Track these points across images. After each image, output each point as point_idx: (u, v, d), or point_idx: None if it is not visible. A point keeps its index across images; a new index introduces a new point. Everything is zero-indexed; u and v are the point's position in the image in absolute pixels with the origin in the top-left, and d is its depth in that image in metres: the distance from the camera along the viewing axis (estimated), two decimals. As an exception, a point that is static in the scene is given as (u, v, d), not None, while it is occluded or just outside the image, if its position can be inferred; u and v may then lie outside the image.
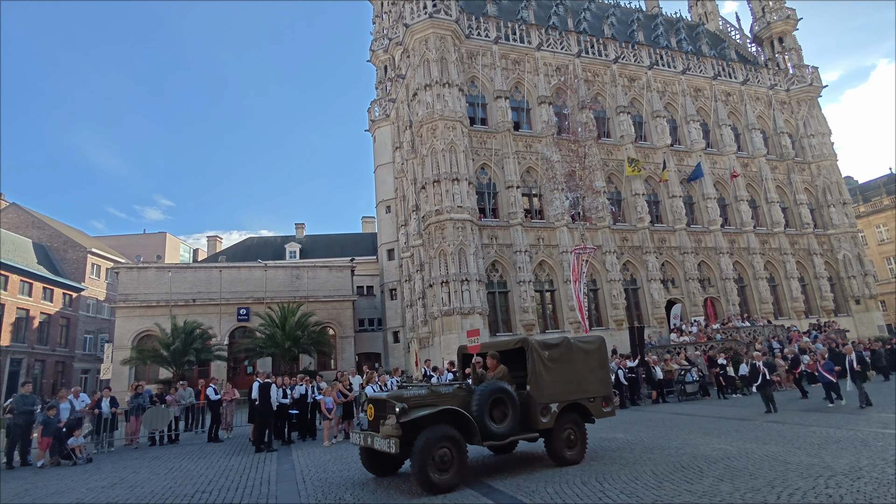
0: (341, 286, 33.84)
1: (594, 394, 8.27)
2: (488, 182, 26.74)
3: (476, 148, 26.45)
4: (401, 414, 6.42)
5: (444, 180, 23.65)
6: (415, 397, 6.85)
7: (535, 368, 7.67)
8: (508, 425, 7.05)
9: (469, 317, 22.28)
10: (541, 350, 7.81)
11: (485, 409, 6.87)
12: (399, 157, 33.48)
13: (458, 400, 7.06)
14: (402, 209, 33.52)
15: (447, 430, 6.48)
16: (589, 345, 8.58)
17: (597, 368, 8.46)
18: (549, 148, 27.51)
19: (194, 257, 61.18)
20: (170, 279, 30.17)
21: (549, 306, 26.51)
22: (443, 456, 6.37)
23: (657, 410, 15.32)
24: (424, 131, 24.90)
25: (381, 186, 37.86)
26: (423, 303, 27.76)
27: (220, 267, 33.17)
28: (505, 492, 6.46)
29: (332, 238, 50.52)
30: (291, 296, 30.47)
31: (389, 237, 36.87)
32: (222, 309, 30.45)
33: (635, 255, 28.41)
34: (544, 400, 7.57)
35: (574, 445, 7.78)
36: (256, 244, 49.18)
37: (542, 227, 26.76)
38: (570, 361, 8.07)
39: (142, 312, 29.17)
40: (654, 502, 5.65)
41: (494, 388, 7.12)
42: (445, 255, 22.98)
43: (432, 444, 6.28)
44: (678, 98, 32.89)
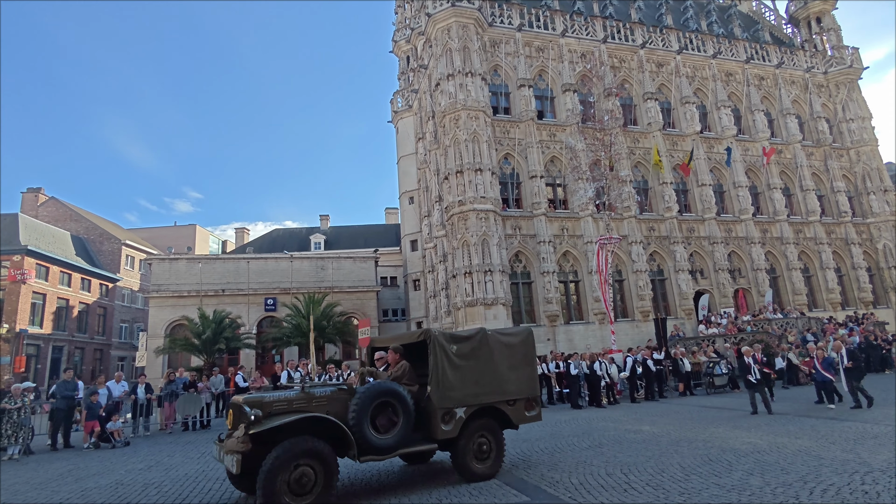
0: (365, 277, 34.17)
1: (515, 395, 7.00)
2: (511, 172, 26.51)
3: (499, 138, 26.24)
4: (253, 423, 5.18)
5: (466, 171, 23.56)
6: (279, 401, 5.58)
7: (438, 365, 6.36)
8: (397, 435, 5.83)
9: (492, 307, 22.26)
10: (446, 343, 6.58)
11: (365, 415, 5.63)
12: (422, 147, 33.47)
13: (335, 405, 5.78)
14: (425, 200, 33.56)
15: (310, 442, 5.26)
16: (511, 337, 7.37)
17: (521, 366, 7.23)
18: (573, 137, 27.08)
19: (223, 248, 62.61)
20: (200, 270, 30.98)
21: (574, 297, 26.26)
22: (301, 476, 5.16)
23: (684, 403, 15.07)
24: (447, 121, 24.80)
25: (404, 177, 37.96)
26: (446, 293, 27.84)
27: (248, 258, 33.88)
28: (528, 481, 6.46)
29: (356, 229, 51.01)
30: (317, 286, 30.92)
31: (413, 228, 37.01)
32: (250, 299, 31.13)
33: (662, 246, 27.84)
34: (447, 403, 6.31)
35: (486, 457, 6.58)
36: (282, 235, 50.04)
37: (566, 217, 26.44)
38: (484, 357, 6.85)
39: (174, 302, 30.05)
40: (681, 495, 5.57)
41: (379, 389, 5.87)
42: (468, 246, 22.95)
43: (286, 461, 5.08)
44: (708, 83, 31.89)
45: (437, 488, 6.35)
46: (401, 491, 6.33)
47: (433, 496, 6.00)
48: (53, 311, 35.81)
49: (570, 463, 7.42)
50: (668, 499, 5.45)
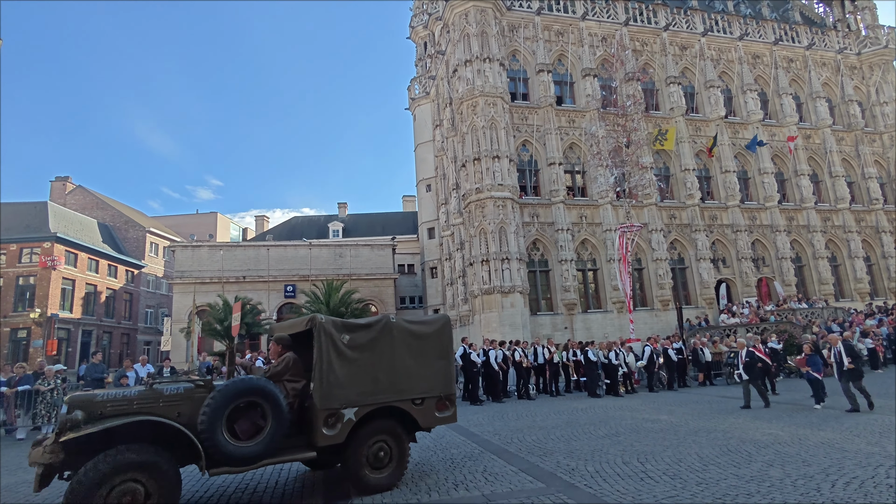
0: (383, 264, 34.38)
1: (423, 393, 6.05)
2: (529, 159, 26.24)
3: (517, 124, 25.94)
4: (69, 427, 4.20)
5: (484, 158, 23.39)
6: (114, 401, 4.58)
7: (323, 358, 5.40)
8: (263, 443, 4.85)
9: (509, 295, 22.23)
10: (336, 332, 5.58)
11: (218, 419, 4.66)
12: (439, 135, 33.31)
13: (190, 405, 4.83)
14: (442, 188, 33.49)
15: (136, 453, 4.29)
16: (422, 327, 6.38)
17: (433, 359, 6.25)
18: (593, 122, 26.63)
19: (243, 236, 63.60)
20: (221, 257, 31.55)
21: (592, 286, 26.04)
22: (123, 494, 4.18)
23: (704, 393, 14.92)
24: (464, 108, 24.61)
25: (421, 165, 37.88)
26: (463, 281, 27.88)
27: (268, 245, 34.36)
28: (544, 468, 6.49)
29: (374, 217, 51.24)
30: (335, 273, 31.24)
31: (430, 216, 37.00)
32: (270, 286, 31.65)
33: (684, 234, 27.35)
34: (332, 404, 5.35)
35: (384, 465, 5.69)
36: (301, 223, 50.56)
37: (585, 204, 26.12)
38: (384, 349, 5.89)
39: (197, 288, 30.67)
40: (698, 484, 5.54)
41: (241, 388, 4.89)
42: (486, 234, 22.88)
43: (102, 477, 4.09)
44: (734, 66, 30.93)
45: (453, 473, 6.43)
46: (418, 474, 6.41)
47: (449, 481, 6.07)
48: (82, 297, 36.95)
49: (587, 451, 7.42)
50: (686, 488, 5.43)
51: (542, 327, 23.45)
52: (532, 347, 16.34)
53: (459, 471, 6.56)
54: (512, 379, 15.80)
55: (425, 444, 8.48)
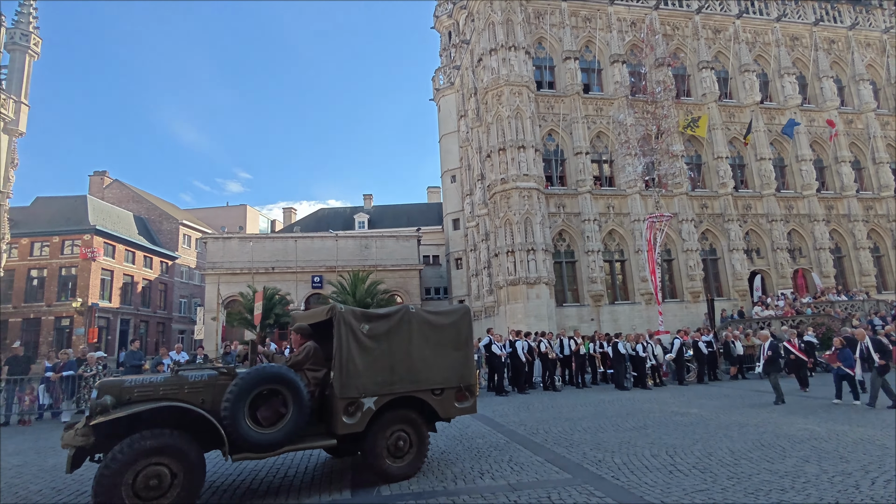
0: (408, 255, 34.58)
1: (442, 384, 6.05)
2: (556, 149, 25.87)
3: (543, 113, 25.58)
4: (99, 411, 4.37)
5: (509, 148, 23.17)
6: (142, 386, 4.76)
7: (343, 348, 5.47)
8: (284, 429, 4.94)
9: (535, 286, 22.08)
10: (356, 322, 5.63)
11: (241, 406, 4.76)
12: (464, 125, 33.14)
13: (213, 392, 4.97)
14: (467, 178, 33.37)
15: (163, 437, 4.42)
16: (441, 318, 6.33)
17: (451, 350, 6.24)
18: (621, 110, 26.03)
19: (272, 228, 64.86)
20: (251, 248, 32.27)
21: (619, 277, 25.63)
22: (150, 477, 4.31)
23: (736, 387, 14.57)
24: (489, 98, 24.39)
25: (446, 156, 37.81)
26: (488, 272, 27.81)
27: (296, 237, 34.95)
28: (570, 459, 6.46)
29: (399, 208, 51.49)
30: (361, 264, 31.59)
31: (455, 207, 36.97)
32: (298, 276, 32.23)
33: (716, 224, 26.60)
34: (352, 392, 5.42)
35: (403, 454, 5.72)
36: (328, 215, 51.21)
37: (613, 194, 25.64)
38: (403, 340, 5.90)
39: (228, 279, 31.51)
40: (729, 479, 5.43)
41: (262, 375, 4.96)
42: (511, 225, 22.73)
43: (130, 459, 4.24)
44: (771, 49, 29.71)
45: (479, 462, 6.46)
46: (444, 463, 6.47)
47: (475, 470, 6.11)
48: (120, 287, 38.41)
49: (614, 443, 7.35)
50: (716, 482, 5.32)
51: (569, 319, 23.24)
52: (558, 339, 16.22)
53: (485, 460, 6.59)
54: (537, 370, 15.73)
55: (451, 433, 8.55)
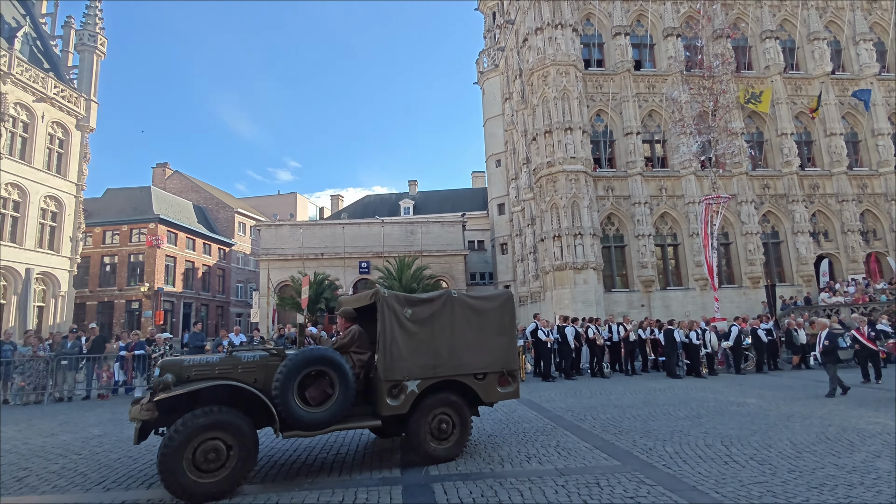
0: (453, 241, 34.69)
1: (484, 368, 6.09)
2: (604, 130, 25.04)
3: (591, 93, 24.76)
4: (161, 388, 4.69)
5: (556, 130, 22.64)
6: (199, 366, 5.06)
7: (387, 331, 5.60)
8: (331, 409, 5.14)
9: (582, 272, 21.65)
10: (399, 306, 5.73)
11: (290, 386, 4.98)
12: (509, 108, 32.62)
13: (264, 372, 5.20)
14: (512, 162, 32.95)
15: (219, 414, 4.68)
16: (484, 302, 6.36)
17: (494, 334, 6.24)
18: (675, 87, 24.81)
19: (320, 215, 66.61)
20: (301, 235, 33.32)
21: (672, 261, 24.70)
22: (208, 452, 4.57)
23: (798, 377, 13.80)
24: (535, 79, 23.84)
25: (490, 140, 37.42)
26: (534, 257, 27.50)
27: (343, 224, 35.78)
28: (619, 446, 6.36)
29: (444, 194, 51.58)
30: (406, 250, 31.98)
31: (500, 192, 36.65)
32: (346, 262, 33.06)
33: (778, 205, 25.05)
34: (395, 375, 5.54)
35: (447, 437, 5.80)
36: (374, 201, 52.01)
37: (666, 175, 24.61)
38: (446, 324, 5.94)
39: (280, 265, 32.76)
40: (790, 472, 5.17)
41: (310, 357, 5.16)
42: (557, 209, 22.31)
43: (189, 433, 4.50)
44: (844, 14, 27.32)
45: (525, 446, 6.47)
46: (490, 446, 6.53)
47: (521, 454, 6.13)
48: (182, 273, 40.73)
49: (665, 431, 7.16)
50: (776, 475, 5.09)
51: (617, 304, 22.68)
52: (606, 325, 15.88)
53: (532, 445, 6.59)
54: (585, 357, 15.50)
55: (497, 417, 8.59)
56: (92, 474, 5.65)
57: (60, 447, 7.09)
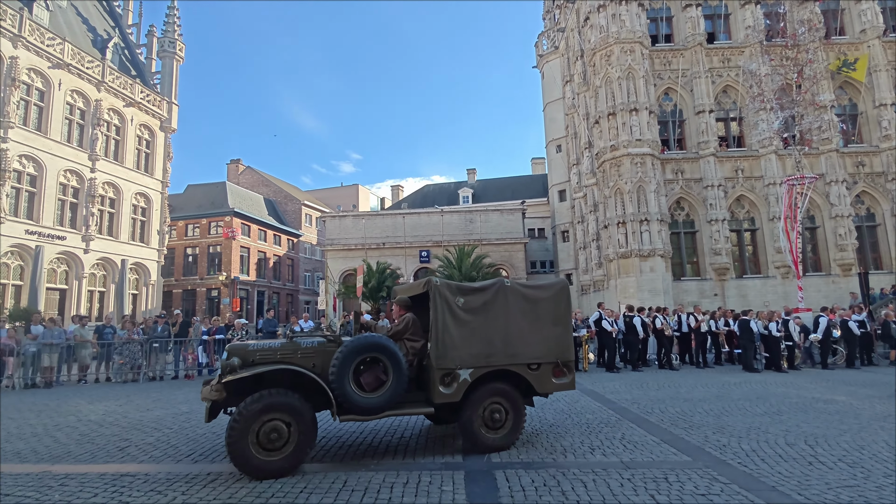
0: (513, 229, 34.36)
1: (539, 358, 5.97)
2: (673, 109, 23.72)
3: (658, 71, 23.49)
4: (228, 371, 4.99)
5: (620, 112, 21.71)
6: (262, 350, 5.31)
7: (439, 320, 5.59)
8: (385, 395, 5.25)
9: (648, 259, 20.77)
10: (451, 295, 5.70)
11: (346, 371, 5.14)
12: (569, 91, 31.65)
13: (322, 357, 5.39)
14: (573, 147, 32.03)
15: (280, 396, 4.93)
16: (538, 291, 6.20)
17: (548, 324, 6.09)
18: (754, 59, 22.97)
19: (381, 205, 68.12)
20: (364, 225, 34.28)
21: (749, 248, 23.13)
22: (270, 431, 4.81)
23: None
24: (597, 59, 22.93)
25: (550, 125, 36.54)
26: (597, 245, 26.71)
27: (403, 213, 36.40)
28: (690, 441, 6.09)
29: (503, 181, 51.09)
30: (466, 239, 32.07)
31: (560, 178, 35.80)
32: (407, 251, 33.67)
33: (875, 184, 22.72)
34: (448, 364, 5.55)
35: (499, 426, 5.76)
36: (433, 191, 52.45)
37: (742, 156, 22.99)
38: (499, 313, 5.87)
39: (344, 254, 33.94)
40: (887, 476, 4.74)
41: (364, 344, 5.28)
42: (622, 194, 21.47)
43: (253, 413, 4.77)
44: (959, -35, 24.07)
45: (589, 438, 6.36)
46: (553, 436, 6.47)
47: (585, 445, 6.03)
48: (255, 262, 43.22)
49: (741, 428, 6.77)
50: (869, 479, 4.68)
51: (687, 293, 21.60)
52: (675, 315, 15.18)
53: (595, 436, 6.46)
54: (652, 347, 14.92)
55: (559, 407, 8.49)
56: (182, 447, 6.17)
57: (154, 422, 7.80)
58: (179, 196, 43.26)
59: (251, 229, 42.89)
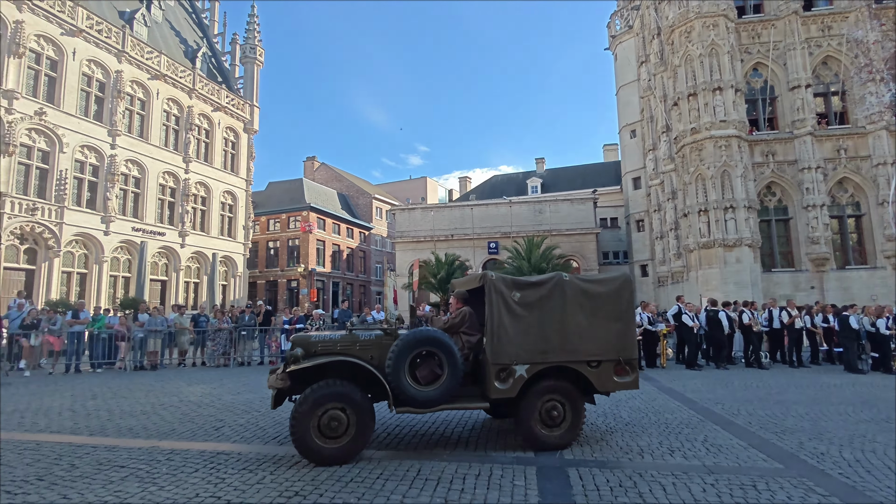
0: (584, 219, 33.37)
1: (599, 356, 5.74)
2: (763, 86, 21.85)
3: (746, 45, 21.71)
4: (292, 361, 5.20)
5: (701, 92, 20.33)
6: (324, 342, 5.49)
7: (494, 314, 5.53)
8: (440, 389, 5.26)
9: (734, 249, 19.39)
10: (506, 289, 5.61)
11: (401, 364, 5.20)
12: (645, 72, 30.05)
13: (379, 350, 5.46)
14: (649, 132, 30.44)
15: (340, 387, 5.10)
16: (598, 286, 5.95)
17: (609, 320, 5.83)
18: (860, 25, 20.60)
19: (449, 197, 68.63)
20: (432, 218, 34.75)
21: (853, 236, 20.93)
22: (332, 420, 5.03)
23: None
24: (676, 36, 21.57)
25: (624, 109, 34.96)
26: (675, 234, 25.31)
27: (471, 205, 36.47)
28: (783, 448, 5.65)
29: (573, 170, 49.67)
30: (535, 229, 31.57)
31: (635, 164, 34.21)
32: (475, 243, 33.74)
33: None
34: (503, 359, 5.48)
35: (557, 424, 5.60)
36: (501, 181, 52.03)
37: (845, 133, 20.76)
38: (556, 308, 5.68)
39: (414, 246, 34.63)
40: None
41: (418, 338, 5.30)
42: (704, 180, 20.16)
43: (315, 402, 4.99)
44: None
45: (668, 438, 6.09)
46: (628, 434, 6.27)
47: (664, 446, 5.78)
48: (330, 255, 45.23)
49: (842, 435, 6.18)
50: None
51: (779, 286, 19.94)
52: (765, 309, 14.08)
53: (675, 437, 6.18)
54: (737, 344, 13.96)
55: (635, 405, 8.19)
56: (269, 429, 6.63)
57: (244, 404, 8.44)
58: (261, 193, 46.10)
59: (326, 223, 44.90)
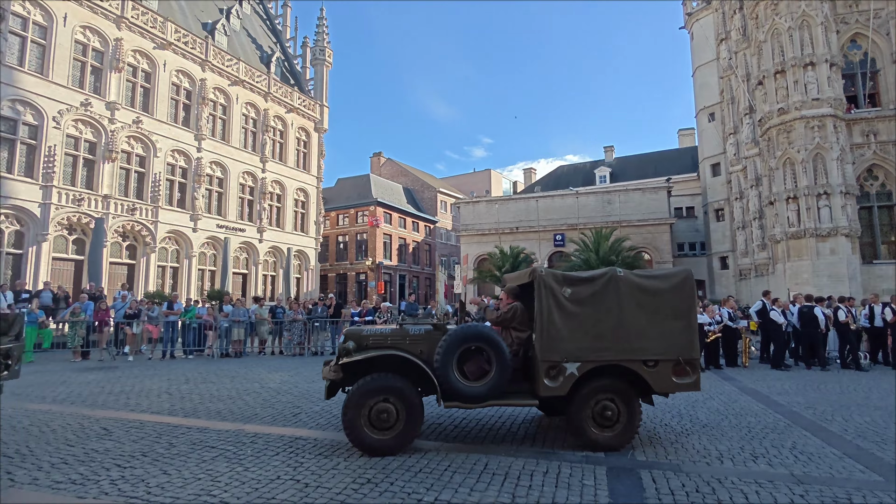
0: (656, 209, 31.80)
1: (656, 355, 5.41)
2: (862, 59, 19.72)
3: (842, 14, 19.67)
4: (345, 354, 5.32)
5: (791, 68, 18.68)
6: (375, 336, 5.57)
7: (544, 311, 5.35)
8: (488, 385, 5.22)
9: (828, 239, 17.73)
10: (556, 285, 5.40)
11: (450, 359, 5.19)
12: (725, 50, 28.04)
13: (428, 344, 5.45)
14: (729, 114, 28.43)
15: (389, 380, 5.16)
16: (656, 282, 5.58)
17: (668, 318, 5.47)
18: None
19: (513, 189, 67.88)
20: (497, 210, 34.57)
21: (976, 223, 18.46)
22: (381, 412, 5.10)
23: None
24: (761, 9, 19.94)
25: (701, 91, 32.88)
26: (759, 223, 23.53)
27: (536, 197, 35.86)
28: (882, 458, 5.14)
29: (644, 157, 47.47)
30: (603, 221, 30.56)
31: (713, 150, 32.12)
32: (540, 235, 33.19)
33: None
34: (553, 356, 5.30)
35: (610, 424, 5.37)
36: (566, 172, 50.76)
37: (967, 107, 18.28)
38: (610, 305, 5.42)
39: (478, 239, 34.68)
40: None
41: (466, 333, 5.29)
42: (793, 164, 18.56)
43: (363, 395, 5.08)
44: None
45: (750, 443, 5.73)
46: (706, 437, 5.97)
47: (746, 451, 5.45)
48: (397, 248, 46.31)
49: (961, 449, 5.52)
50: None
51: (882, 280, 18.02)
52: (865, 306, 12.80)
53: (759, 442, 5.79)
54: (832, 343, 12.80)
55: (713, 406, 7.76)
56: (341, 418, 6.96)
57: (319, 392, 8.88)
58: (331, 189, 47.98)
59: (392, 217, 46.00)
